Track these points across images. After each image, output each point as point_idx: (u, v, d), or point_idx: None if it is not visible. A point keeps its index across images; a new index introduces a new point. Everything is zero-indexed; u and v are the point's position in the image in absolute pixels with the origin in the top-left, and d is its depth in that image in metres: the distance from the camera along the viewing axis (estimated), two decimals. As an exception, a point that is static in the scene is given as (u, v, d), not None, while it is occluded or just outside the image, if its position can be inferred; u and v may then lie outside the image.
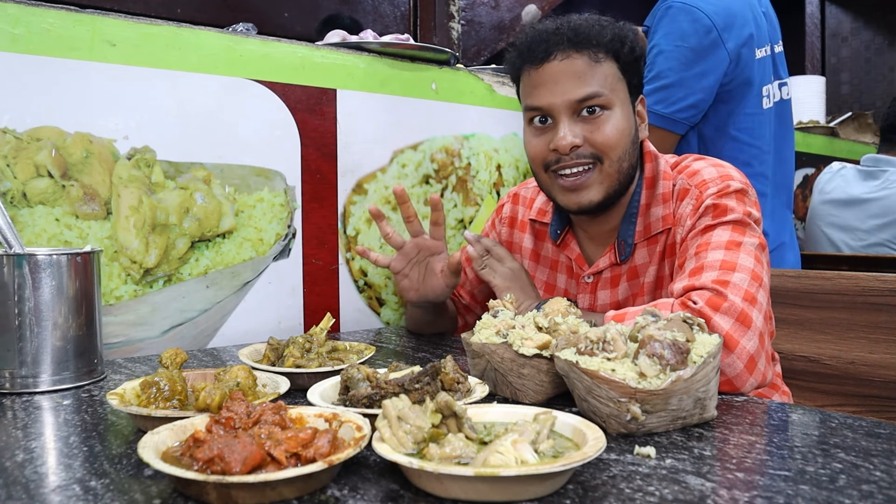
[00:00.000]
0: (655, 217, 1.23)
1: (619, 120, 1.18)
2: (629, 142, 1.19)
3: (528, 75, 1.20)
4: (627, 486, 0.65)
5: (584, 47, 1.16)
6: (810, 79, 3.65)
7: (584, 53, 1.16)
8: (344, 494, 0.64)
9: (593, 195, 1.19)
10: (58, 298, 1.03)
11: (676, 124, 1.68)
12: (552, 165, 1.19)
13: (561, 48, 1.16)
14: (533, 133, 1.22)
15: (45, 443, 0.79)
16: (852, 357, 1.53)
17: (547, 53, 1.17)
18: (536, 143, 1.21)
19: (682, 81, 1.67)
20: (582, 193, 1.19)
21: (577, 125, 1.17)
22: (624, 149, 1.18)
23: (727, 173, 1.19)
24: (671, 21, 1.68)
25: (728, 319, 1.00)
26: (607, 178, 1.18)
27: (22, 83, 1.22)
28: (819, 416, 0.89)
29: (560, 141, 1.16)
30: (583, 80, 1.15)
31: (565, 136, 1.15)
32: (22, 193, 1.23)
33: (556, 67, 1.16)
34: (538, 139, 1.21)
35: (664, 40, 1.69)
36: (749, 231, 1.12)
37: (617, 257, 1.25)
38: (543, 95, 1.17)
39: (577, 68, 1.16)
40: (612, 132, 1.16)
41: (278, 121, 1.50)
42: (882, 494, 0.63)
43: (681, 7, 1.68)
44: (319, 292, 1.58)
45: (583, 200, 1.19)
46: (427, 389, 0.83)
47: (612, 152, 1.17)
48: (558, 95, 1.16)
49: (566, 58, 1.16)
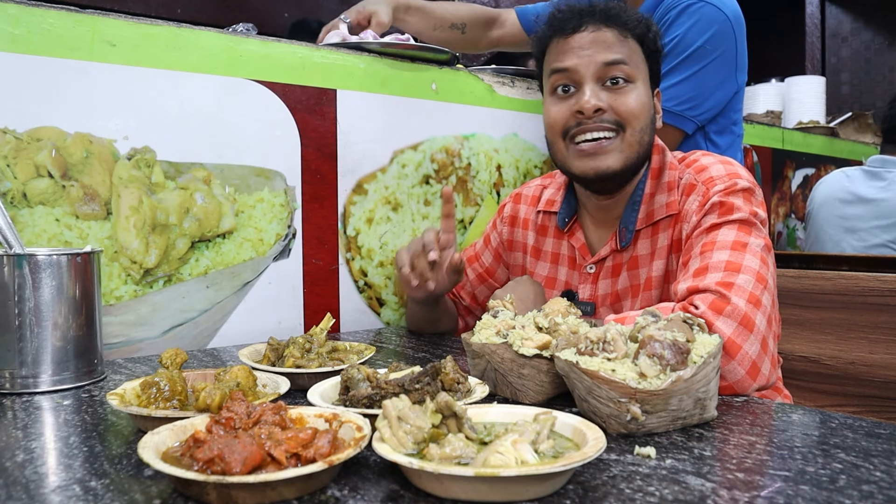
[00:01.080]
0: (659, 204, 1.24)
1: (642, 94, 1.21)
2: (649, 119, 1.22)
3: (556, 44, 1.24)
4: (627, 487, 0.65)
5: (613, 23, 1.21)
6: (810, 79, 3.65)
7: (614, 28, 1.20)
8: (344, 494, 0.64)
9: (612, 161, 1.19)
10: (58, 299, 1.03)
11: (687, 122, 1.68)
12: (572, 130, 1.21)
13: (592, 21, 1.21)
14: (555, 101, 1.24)
15: (46, 443, 0.79)
16: (852, 357, 1.53)
17: (579, 24, 1.21)
18: (558, 109, 1.23)
19: (701, 83, 1.66)
20: (601, 158, 1.19)
21: (602, 92, 1.20)
22: (645, 122, 1.21)
23: (735, 171, 1.19)
24: (692, 18, 1.67)
25: (731, 323, 1.00)
26: (628, 148, 1.20)
27: (22, 83, 1.22)
28: (819, 417, 0.89)
29: (585, 103, 1.18)
30: (611, 48, 1.19)
31: (590, 98, 1.18)
32: (22, 193, 1.23)
33: (585, 37, 1.21)
34: (559, 106, 1.23)
35: (687, 38, 1.67)
36: (755, 231, 1.12)
37: (617, 243, 1.26)
38: (570, 58, 1.20)
39: (607, 38, 1.20)
40: (635, 103, 1.19)
41: (278, 121, 1.50)
42: (882, 495, 0.63)
43: (703, 5, 1.66)
44: (319, 292, 1.58)
45: (601, 165, 1.20)
46: (427, 390, 0.83)
47: (636, 121, 1.19)
48: (585, 58, 1.19)
49: (596, 30, 1.20)
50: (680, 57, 1.65)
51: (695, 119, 1.68)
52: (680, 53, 1.66)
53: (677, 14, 1.68)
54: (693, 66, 1.65)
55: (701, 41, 1.64)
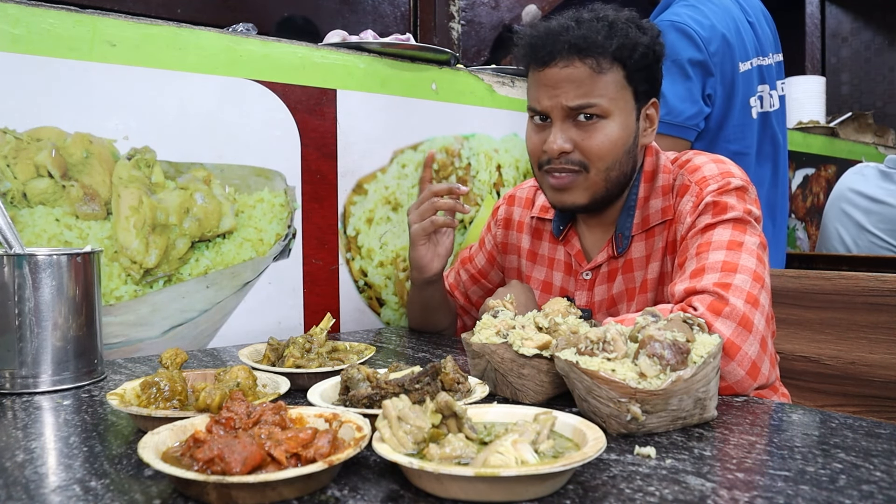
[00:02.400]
0: (654, 209, 1.23)
1: (614, 130, 1.17)
2: (622, 151, 1.19)
3: (533, 74, 1.22)
4: (627, 487, 0.65)
5: (587, 55, 1.14)
6: (810, 79, 3.65)
7: (587, 62, 1.15)
8: (344, 494, 0.64)
9: (577, 198, 1.21)
10: (58, 299, 1.03)
11: (686, 130, 1.73)
12: (544, 165, 1.22)
13: (563, 54, 1.15)
14: (532, 129, 1.24)
15: (46, 443, 0.79)
16: (852, 357, 1.53)
17: (550, 57, 1.16)
18: (535, 140, 1.23)
19: (679, 93, 1.74)
20: (566, 195, 1.21)
21: (570, 129, 1.18)
22: (614, 159, 1.18)
23: (728, 170, 1.18)
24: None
25: (730, 324, 1.00)
26: (593, 185, 1.20)
27: (22, 83, 1.22)
28: (819, 417, 0.89)
29: (550, 145, 1.18)
30: (581, 88, 1.15)
31: (555, 140, 1.17)
32: (22, 193, 1.23)
33: (557, 74, 1.17)
34: (536, 136, 1.23)
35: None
36: (750, 230, 1.12)
37: (614, 250, 1.26)
38: (542, 98, 1.19)
39: (577, 77, 1.15)
40: (603, 141, 1.17)
41: (278, 121, 1.50)
42: (882, 494, 0.63)
43: (669, 25, 1.76)
44: (319, 292, 1.58)
45: (566, 201, 1.22)
46: (427, 389, 0.83)
47: (600, 162, 1.18)
48: (553, 100, 1.17)
49: (567, 65, 1.15)
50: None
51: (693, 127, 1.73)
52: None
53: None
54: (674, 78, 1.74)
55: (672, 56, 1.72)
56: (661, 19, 1.82)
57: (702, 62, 1.76)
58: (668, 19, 1.80)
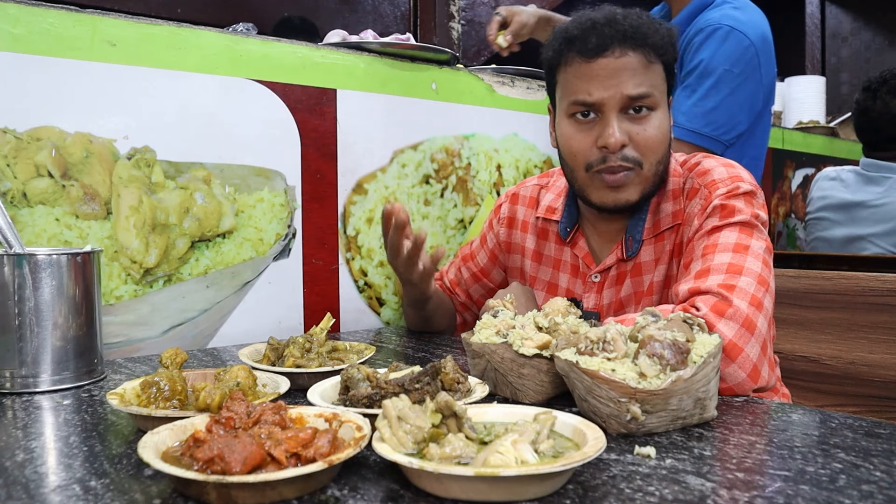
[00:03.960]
0: (665, 213, 1.23)
1: (664, 122, 1.18)
2: (668, 144, 1.20)
3: (577, 67, 1.17)
4: (627, 486, 0.65)
5: (640, 46, 1.14)
6: (810, 79, 3.65)
7: (640, 52, 1.14)
8: (344, 494, 0.64)
9: (630, 195, 1.18)
10: (58, 298, 1.03)
11: (718, 144, 1.71)
12: (596, 165, 1.17)
13: (617, 44, 1.14)
14: (576, 128, 1.19)
15: (45, 443, 0.79)
16: (852, 357, 1.53)
17: (602, 47, 1.14)
18: (581, 139, 1.18)
19: (730, 106, 1.70)
20: (621, 192, 1.18)
21: (625, 122, 1.15)
22: (664, 152, 1.19)
23: (737, 174, 1.18)
24: (719, 43, 1.70)
25: (732, 326, 1.00)
26: (644, 181, 1.18)
27: (22, 83, 1.22)
28: (819, 416, 0.89)
29: (609, 138, 1.13)
30: (637, 77, 1.14)
31: (615, 132, 1.13)
32: (22, 193, 1.23)
33: (611, 63, 1.14)
34: (583, 135, 1.18)
35: (714, 62, 1.70)
36: (757, 233, 1.12)
37: (624, 253, 1.25)
38: (596, 90, 1.14)
39: (633, 66, 1.14)
40: (656, 134, 1.16)
41: (278, 121, 1.50)
42: (882, 494, 0.63)
43: (729, 30, 1.69)
44: (319, 292, 1.58)
45: (620, 199, 1.18)
46: (427, 389, 0.83)
47: (653, 156, 1.17)
48: (611, 89, 1.13)
49: (622, 55, 1.13)
50: (710, 80, 1.70)
51: (726, 142, 1.71)
52: (709, 77, 1.70)
53: (705, 37, 1.72)
54: (723, 90, 1.69)
55: (727, 66, 1.69)
56: (718, 21, 1.71)
57: (756, 75, 1.71)
58: (727, 24, 1.70)
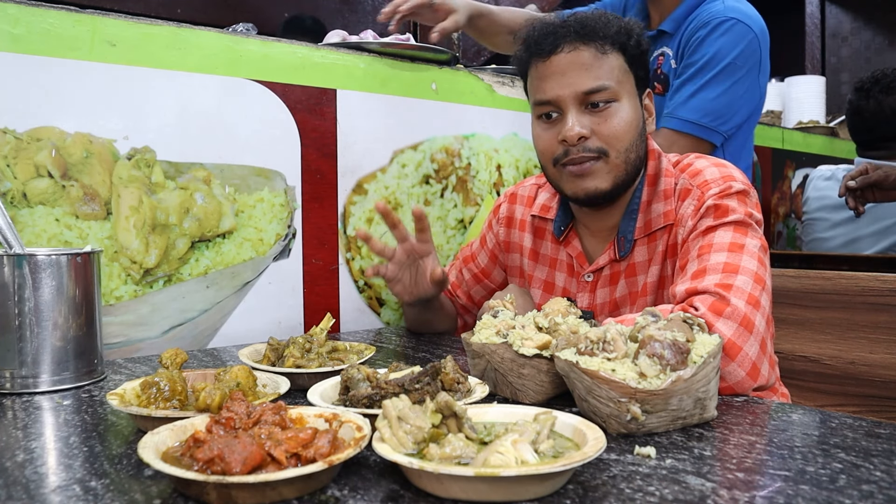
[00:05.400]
0: (656, 213, 1.23)
1: (627, 112, 1.19)
2: (636, 134, 1.20)
3: (536, 68, 1.22)
4: (627, 486, 0.65)
5: (590, 39, 1.18)
6: (810, 79, 3.65)
7: (591, 45, 1.18)
8: (344, 494, 0.64)
9: (600, 183, 1.19)
10: (58, 298, 1.03)
11: (716, 135, 1.70)
12: (561, 159, 1.20)
13: (568, 40, 1.18)
14: (542, 128, 1.23)
15: (46, 443, 0.79)
16: (852, 357, 1.53)
17: (554, 46, 1.18)
18: (546, 137, 1.22)
19: (732, 97, 1.69)
20: (588, 180, 1.19)
21: (584, 117, 1.18)
22: (631, 140, 1.19)
23: (729, 174, 1.19)
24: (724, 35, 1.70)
25: (731, 325, 1.00)
26: (614, 168, 1.19)
27: (22, 83, 1.22)
28: (819, 416, 0.89)
29: (568, 132, 1.17)
30: (590, 71, 1.17)
31: (573, 126, 1.17)
32: (22, 193, 1.23)
33: (563, 59, 1.18)
34: (547, 133, 1.22)
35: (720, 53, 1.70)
36: (751, 232, 1.12)
37: (616, 253, 1.25)
38: (551, 88, 1.19)
39: (585, 60, 1.17)
40: (619, 124, 1.18)
41: (278, 121, 1.50)
42: (882, 494, 0.63)
43: (735, 22, 1.69)
44: (319, 292, 1.58)
45: (589, 187, 1.20)
46: (427, 389, 0.83)
47: (619, 143, 1.18)
48: (566, 87, 1.17)
49: (573, 49, 1.18)
50: (712, 72, 1.69)
51: (725, 133, 1.70)
52: (712, 69, 1.69)
53: (710, 30, 1.71)
54: (725, 81, 1.69)
55: (731, 57, 1.68)
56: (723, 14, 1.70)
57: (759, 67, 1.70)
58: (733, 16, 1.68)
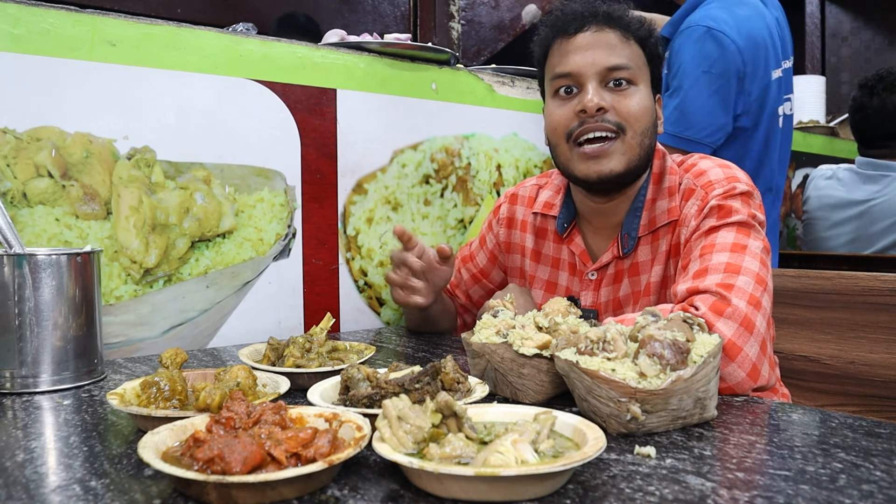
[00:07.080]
0: (661, 210, 1.23)
1: (645, 97, 1.20)
2: (651, 122, 1.21)
3: (559, 45, 1.23)
4: (627, 486, 0.65)
5: (616, 24, 1.21)
6: (810, 79, 3.65)
7: (617, 30, 1.21)
8: (344, 494, 0.64)
9: (614, 164, 1.18)
10: (58, 298, 1.03)
11: (702, 147, 1.68)
12: (575, 131, 1.19)
13: (595, 21, 1.21)
14: (557, 104, 1.23)
15: (46, 443, 0.79)
16: (852, 357, 1.53)
17: (581, 24, 1.21)
18: (561, 111, 1.22)
19: (712, 108, 1.67)
20: (603, 161, 1.18)
21: (605, 92, 1.19)
22: (646, 125, 1.20)
23: (733, 175, 1.19)
24: (697, 44, 1.68)
25: (731, 325, 1.00)
26: (629, 150, 1.19)
27: (22, 83, 1.22)
28: (819, 416, 0.89)
29: (588, 102, 1.17)
30: (614, 50, 1.19)
31: (593, 97, 1.17)
32: (22, 193, 1.23)
33: (588, 37, 1.20)
34: (563, 108, 1.22)
35: (691, 64, 1.68)
36: (754, 233, 1.12)
37: (619, 250, 1.25)
38: (573, 61, 1.20)
39: (609, 40, 1.20)
40: (637, 105, 1.19)
41: (278, 121, 1.50)
42: (882, 494, 0.63)
43: (706, 31, 1.67)
44: (319, 292, 1.58)
45: (603, 169, 1.19)
46: (427, 389, 0.83)
47: (637, 124, 1.19)
48: (589, 61, 1.19)
49: (599, 30, 1.20)
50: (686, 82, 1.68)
51: (709, 144, 1.69)
52: (685, 79, 1.68)
53: (684, 40, 1.70)
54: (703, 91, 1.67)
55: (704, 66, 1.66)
56: (697, 22, 1.70)
57: (738, 75, 1.68)
58: (704, 24, 1.68)
